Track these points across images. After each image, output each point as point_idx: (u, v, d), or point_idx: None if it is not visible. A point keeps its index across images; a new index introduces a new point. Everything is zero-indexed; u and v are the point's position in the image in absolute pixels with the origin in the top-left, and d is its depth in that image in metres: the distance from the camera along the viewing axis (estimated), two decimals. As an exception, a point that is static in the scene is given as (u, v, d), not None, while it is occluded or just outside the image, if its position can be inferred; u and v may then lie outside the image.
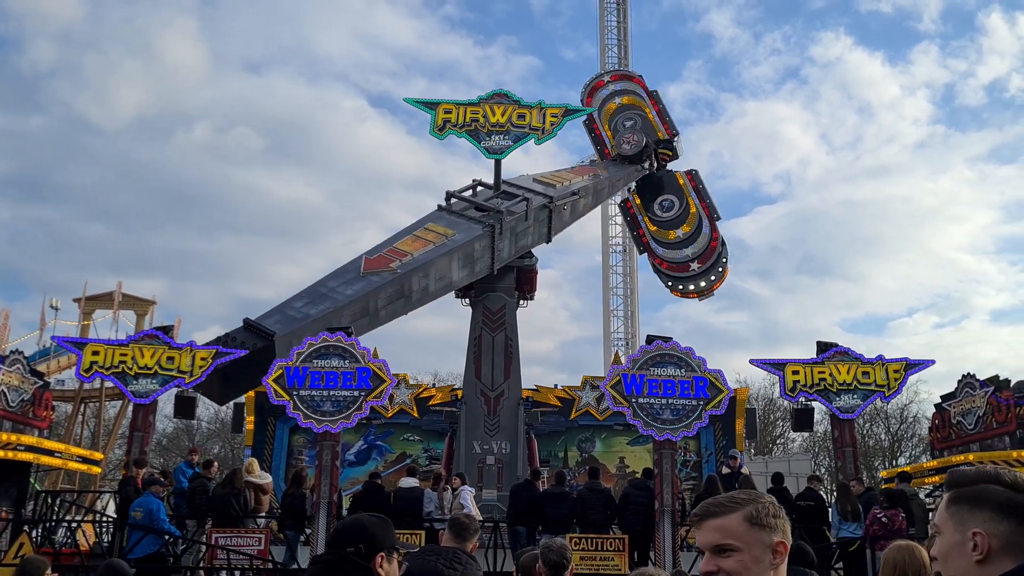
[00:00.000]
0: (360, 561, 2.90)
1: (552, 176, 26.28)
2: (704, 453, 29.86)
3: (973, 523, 2.04)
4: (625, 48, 63.29)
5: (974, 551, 2.02)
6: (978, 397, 18.30)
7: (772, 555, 2.20)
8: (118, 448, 44.82)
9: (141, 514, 13.63)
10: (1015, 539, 2.00)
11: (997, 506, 2.04)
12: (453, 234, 21.85)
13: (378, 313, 20.08)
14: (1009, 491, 2.05)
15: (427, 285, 21.09)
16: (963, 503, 2.09)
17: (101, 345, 16.72)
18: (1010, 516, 2.02)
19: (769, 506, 2.28)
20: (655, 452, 15.64)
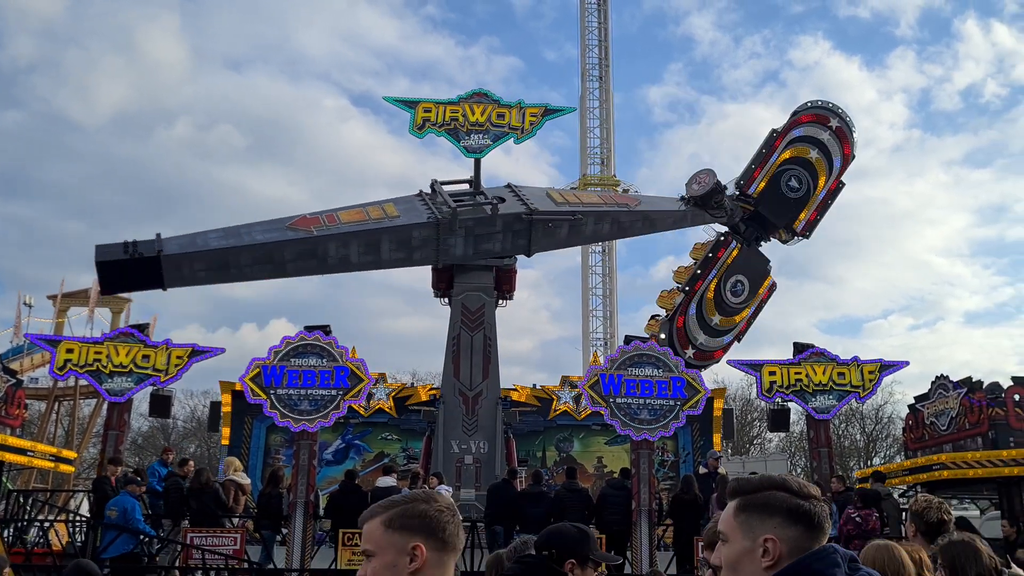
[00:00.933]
0: (552, 565, 3.04)
1: (568, 193, 25.35)
2: (681, 453, 29.98)
3: (764, 530, 2.09)
4: (606, 49, 63.45)
5: (764, 557, 2.07)
6: (951, 398, 18.50)
7: (409, 559, 2.15)
8: (92, 447, 44.38)
9: (116, 513, 13.50)
10: (802, 544, 2.06)
11: (786, 512, 2.10)
12: (397, 216, 21.77)
13: (284, 265, 20.80)
14: (796, 498, 2.11)
15: (347, 255, 21.34)
16: (752, 510, 2.13)
17: (75, 343, 16.56)
18: (797, 522, 2.08)
19: (412, 508, 2.22)
20: (632, 452, 15.70)
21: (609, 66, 63.41)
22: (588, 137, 62.36)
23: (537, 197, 23.43)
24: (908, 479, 19.17)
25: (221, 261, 19.72)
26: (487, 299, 24.35)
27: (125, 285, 20.20)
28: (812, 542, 2.09)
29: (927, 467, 18.16)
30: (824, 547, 2.07)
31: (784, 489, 2.14)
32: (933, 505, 4.86)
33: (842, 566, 2.04)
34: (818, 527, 2.10)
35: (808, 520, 2.09)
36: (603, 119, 62.52)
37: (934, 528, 4.74)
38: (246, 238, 20.05)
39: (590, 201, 24.86)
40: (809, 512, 2.10)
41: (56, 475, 33.33)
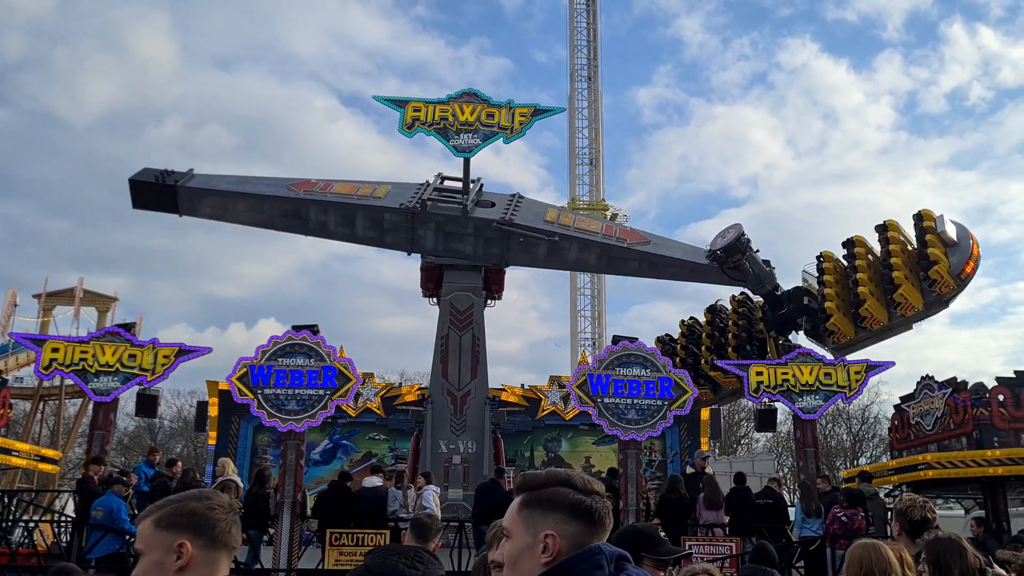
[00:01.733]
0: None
1: (568, 215, 24.23)
2: (669, 453, 30.06)
3: (545, 525, 2.10)
4: (594, 50, 63.54)
5: (544, 553, 2.07)
6: (936, 398, 18.61)
7: (175, 557, 2.16)
8: (78, 447, 44.12)
9: (102, 513, 13.42)
10: (582, 539, 2.08)
11: (567, 508, 2.11)
12: (380, 197, 22.84)
13: (272, 220, 23.23)
14: (578, 493, 2.13)
15: (326, 222, 23.07)
16: (535, 506, 2.14)
17: (61, 342, 16.45)
18: (579, 518, 2.10)
19: (182, 506, 2.22)
20: (620, 452, 15.73)
21: (598, 67, 63.51)
22: (577, 138, 62.44)
23: (530, 211, 23.30)
24: (894, 479, 19.28)
25: (223, 203, 22.90)
26: (476, 299, 24.35)
27: (149, 205, 23.82)
28: (592, 538, 2.10)
29: (912, 467, 18.27)
30: (590, 547, 2.08)
31: (568, 485, 2.15)
32: (917, 504, 4.90)
33: (606, 567, 2.05)
34: (599, 523, 2.12)
35: (589, 516, 2.11)
36: (592, 120, 62.60)
37: (918, 526, 4.78)
38: (248, 187, 22.69)
39: (586, 228, 23.50)
40: (590, 508, 2.12)
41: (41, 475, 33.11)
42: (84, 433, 37.80)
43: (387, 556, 3.75)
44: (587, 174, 62.29)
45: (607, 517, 2.15)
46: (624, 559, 2.11)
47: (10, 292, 40.70)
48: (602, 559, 2.06)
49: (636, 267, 23.67)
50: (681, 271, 22.89)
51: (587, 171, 62.18)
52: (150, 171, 23.05)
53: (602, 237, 23.07)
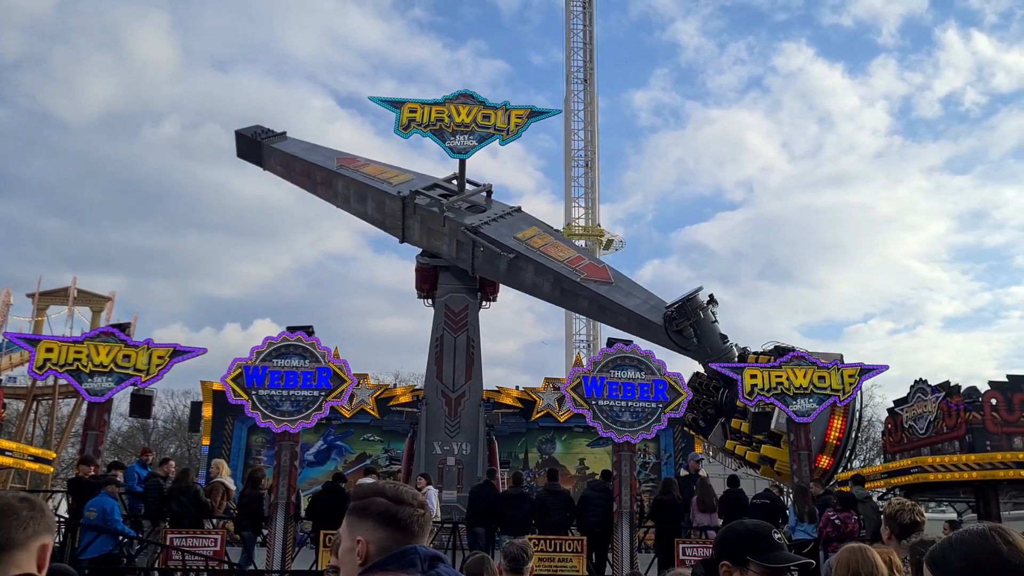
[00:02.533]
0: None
1: (544, 237, 23.06)
2: (663, 455, 30.11)
3: (359, 531, 2.35)
4: (591, 52, 63.58)
5: (358, 556, 2.32)
6: (929, 402, 18.68)
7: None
8: (71, 447, 44.00)
9: (95, 514, 13.38)
10: (388, 544, 2.32)
11: (376, 516, 2.36)
12: (393, 184, 24.23)
13: (315, 187, 26.32)
14: (390, 503, 2.38)
15: (348, 196, 25.33)
16: (353, 514, 2.40)
17: (55, 342, 16.40)
18: (386, 525, 2.34)
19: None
20: (614, 454, 15.74)
21: (594, 70, 63.54)
22: (572, 140, 62.45)
23: (509, 225, 23.17)
24: (887, 482, 19.33)
25: (288, 164, 26.55)
26: (471, 300, 24.36)
27: (245, 156, 27.81)
28: (399, 543, 2.33)
29: (905, 470, 18.33)
30: (405, 549, 2.30)
31: (382, 495, 2.39)
32: (906, 507, 4.93)
33: (419, 566, 2.27)
34: (406, 529, 2.35)
35: (396, 523, 2.35)
36: (587, 122, 62.61)
37: (907, 529, 4.80)
38: (307, 155, 26.17)
39: (552, 253, 22.19)
40: (397, 516, 2.35)
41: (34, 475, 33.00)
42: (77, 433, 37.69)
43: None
44: (583, 176, 62.32)
45: (415, 524, 2.38)
46: (438, 559, 2.33)
47: (4, 291, 40.57)
48: (416, 558, 2.28)
49: (587, 306, 22.78)
50: (628, 323, 21.15)
51: (583, 173, 62.21)
52: (252, 128, 27.32)
53: (561, 266, 21.83)
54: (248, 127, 27.57)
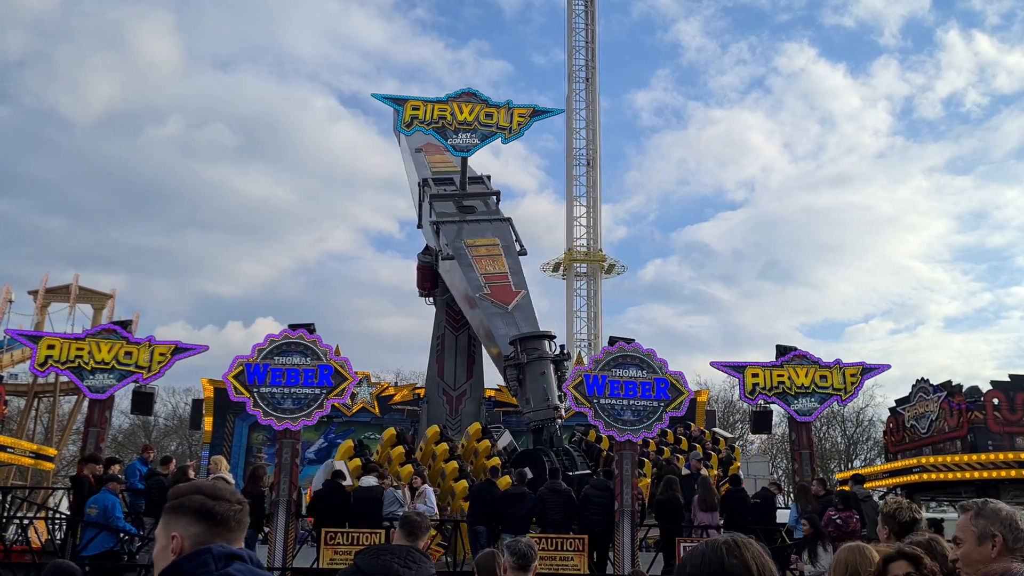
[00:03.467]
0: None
1: (483, 248, 22.39)
2: (664, 454, 30.07)
3: (174, 527, 2.43)
4: (592, 51, 63.55)
5: (173, 552, 2.38)
6: (931, 402, 18.67)
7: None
8: (72, 444, 44.04)
9: (96, 511, 13.39)
10: (204, 539, 2.39)
11: (193, 512, 2.44)
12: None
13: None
14: (206, 499, 2.45)
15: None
16: (170, 511, 2.48)
17: (57, 339, 16.40)
18: (201, 520, 2.42)
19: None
20: (616, 453, 15.72)
21: (595, 69, 63.51)
22: (574, 139, 62.42)
23: (474, 231, 23.18)
24: (888, 481, 19.32)
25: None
26: (472, 299, 24.34)
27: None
28: (216, 538, 2.41)
29: (907, 469, 18.31)
30: (200, 549, 2.36)
31: (200, 493, 2.48)
32: (904, 506, 4.94)
33: (211, 565, 2.32)
34: (221, 524, 2.44)
35: (212, 518, 2.42)
36: (589, 121, 62.59)
37: (906, 527, 4.81)
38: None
39: (482, 267, 21.43)
40: (213, 511, 2.43)
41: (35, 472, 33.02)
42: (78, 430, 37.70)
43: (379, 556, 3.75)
44: (584, 175, 62.30)
45: (232, 520, 2.46)
46: (235, 557, 2.38)
47: (4, 288, 40.59)
48: (208, 558, 2.33)
49: (477, 323, 21.51)
50: (496, 359, 20.09)
51: (584, 172, 62.19)
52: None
53: (474, 277, 21.04)
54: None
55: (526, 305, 20.21)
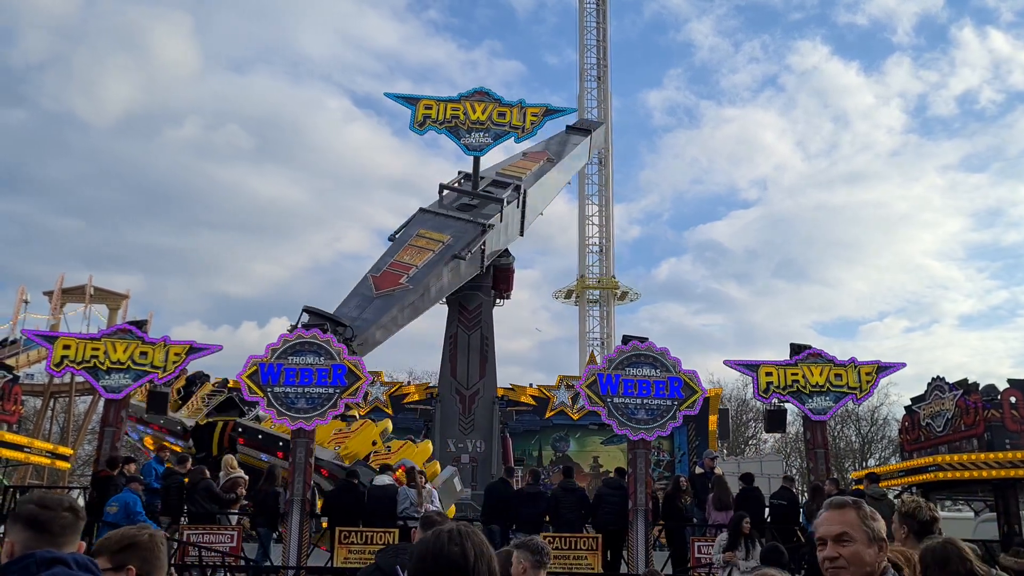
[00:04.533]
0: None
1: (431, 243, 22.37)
2: (677, 453, 30.03)
3: (10, 534, 2.55)
4: (604, 50, 63.45)
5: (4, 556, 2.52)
6: (947, 400, 18.52)
7: None
8: (88, 443, 44.29)
9: (117, 509, 13.42)
10: (31, 544, 2.52)
11: (23, 520, 2.60)
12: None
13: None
14: (35, 508, 2.60)
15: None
16: (9, 519, 2.62)
17: (72, 339, 16.50)
18: (28, 528, 2.56)
19: None
20: (629, 452, 15.70)
21: (607, 67, 63.40)
22: (586, 137, 62.26)
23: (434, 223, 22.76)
24: (904, 480, 19.19)
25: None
26: (484, 298, 24.35)
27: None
28: (42, 544, 2.52)
29: (923, 468, 18.19)
30: (25, 554, 2.48)
31: (30, 502, 2.64)
32: (922, 505, 4.88)
33: (32, 569, 2.43)
34: (46, 531, 2.56)
35: (38, 526, 2.55)
36: (601, 119, 62.48)
37: (925, 527, 4.75)
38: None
39: (399, 256, 21.66)
40: (38, 519, 2.56)
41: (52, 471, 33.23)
42: (94, 430, 37.94)
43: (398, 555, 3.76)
44: (596, 173, 62.21)
45: (56, 526, 2.58)
46: (58, 561, 2.47)
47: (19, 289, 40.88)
48: (31, 562, 2.44)
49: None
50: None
51: (596, 171, 62.10)
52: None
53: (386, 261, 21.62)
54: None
55: (392, 297, 20.23)
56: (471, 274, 22.87)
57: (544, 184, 25.00)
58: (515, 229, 23.93)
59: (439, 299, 22.76)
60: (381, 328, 19.81)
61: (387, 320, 19.90)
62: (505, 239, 23.79)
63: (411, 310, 20.83)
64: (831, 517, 3.10)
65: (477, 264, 22.56)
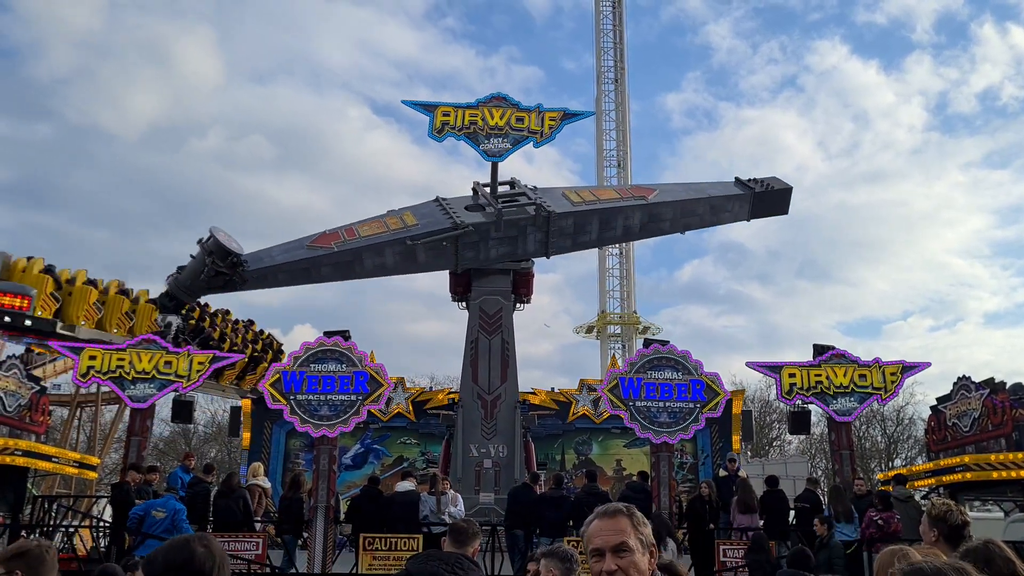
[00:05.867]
0: None
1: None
2: (700, 455, 29.85)
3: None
4: (621, 52, 63.36)
5: None
6: (974, 399, 18.33)
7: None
8: (114, 452, 44.69)
9: (165, 514, 13.28)
10: None
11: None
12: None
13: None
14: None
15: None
16: None
17: (98, 350, 16.69)
18: None
19: None
20: (652, 455, 15.66)
21: (624, 70, 63.32)
22: (604, 140, 62.29)
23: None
24: (931, 481, 19.01)
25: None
26: (504, 303, 24.33)
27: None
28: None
29: (950, 469, 18.01)
30: None
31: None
32: (953, 508, 4.82)
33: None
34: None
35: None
36: (619, 122, 62.40)
37: (957, 531, 4.69)
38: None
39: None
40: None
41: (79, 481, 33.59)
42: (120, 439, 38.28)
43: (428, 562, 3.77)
44: (615, 176, 62.09)
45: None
46: None
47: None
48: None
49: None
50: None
51: (615, 173, 61.99)
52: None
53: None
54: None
55: (313, 253, 21.65)
56: (438, 267, 23.49)
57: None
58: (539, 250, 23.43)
59: (378, 274, 23.68)
60: (285, 272, 21.70)
61: (295, 268, 21.72)
62: (524, 251, 23.46)
63: (332, 270, 22.36)
64: (605, 526, 2.88)
65: (447, 261, 22.92)
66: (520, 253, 23.37)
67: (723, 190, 24.71)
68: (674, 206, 23.86)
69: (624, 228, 24.25)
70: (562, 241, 23.37)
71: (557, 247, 23.46)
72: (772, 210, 25.77)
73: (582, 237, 23.75)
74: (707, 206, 24.29)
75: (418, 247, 22.16)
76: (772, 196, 25.21)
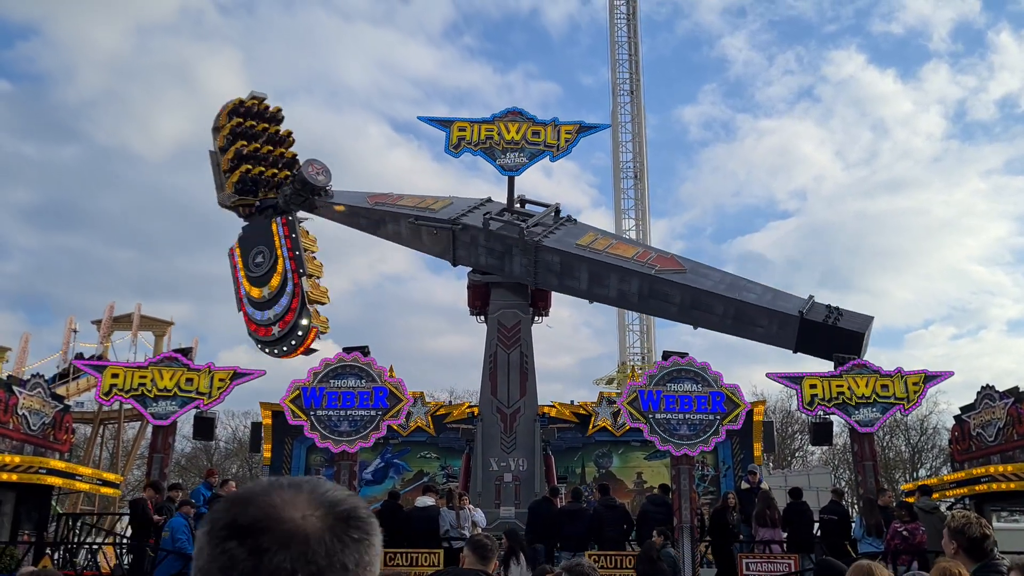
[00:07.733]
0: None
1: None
2: (722, 467, 29.66)
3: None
4: (636, 63, 63.44)
5: None
6: (998, 408, 18.13)
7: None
8: (137, 469, 45.02)
9: (168, 534, 13.61)
10: None
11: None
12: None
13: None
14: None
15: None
16: None
17: (121, 368, 16.85)
18: None
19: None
20: (673, 468, 15.60)
21: (640, 82, 63.36)
22: (620, 152, 62.28)
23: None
24: (957, 492, 18.79)
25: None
26: (523, 316, 24.31)
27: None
28: None
29: (976, 480, 17.80)
30: None
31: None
32: (974, 520, 4.77)
33: None
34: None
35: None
36: (635, 134, 62.39)
37: (976, 544, 4.64)
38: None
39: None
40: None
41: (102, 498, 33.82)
42: (143, 456, 38.57)
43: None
44: (632, 188, 62.03)
45: None
46: None
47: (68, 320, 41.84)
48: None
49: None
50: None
51: (632, 185, 61.94)
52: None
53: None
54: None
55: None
56: (436, 252, 24.37)
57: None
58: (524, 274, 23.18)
59: (394, 240, 25.89)
60: (343, 214, 26.01)
61: (350, 210, 25.82)
62: (509, 270, 23.25)
63: (367, 223, 25.87)
64: None
65: (444, 251, 23.74)
66: (507, 271, 23.21)
67: (763, 299, 18.94)
68: (682, 290, 19.71)
69: (619, 292, 21.50)
70: (549, 278, 22.50)
71: (543, 280, 22.72)
72: (833, 347, 17.80)
73: (569, 282, 22.21)
74: (730, 308, 18.87)
75: (422, 228, 23.62)
76: (831, 333, 18.02)
